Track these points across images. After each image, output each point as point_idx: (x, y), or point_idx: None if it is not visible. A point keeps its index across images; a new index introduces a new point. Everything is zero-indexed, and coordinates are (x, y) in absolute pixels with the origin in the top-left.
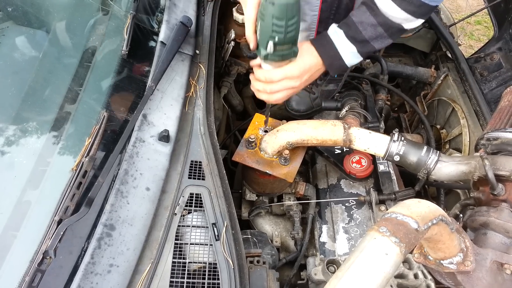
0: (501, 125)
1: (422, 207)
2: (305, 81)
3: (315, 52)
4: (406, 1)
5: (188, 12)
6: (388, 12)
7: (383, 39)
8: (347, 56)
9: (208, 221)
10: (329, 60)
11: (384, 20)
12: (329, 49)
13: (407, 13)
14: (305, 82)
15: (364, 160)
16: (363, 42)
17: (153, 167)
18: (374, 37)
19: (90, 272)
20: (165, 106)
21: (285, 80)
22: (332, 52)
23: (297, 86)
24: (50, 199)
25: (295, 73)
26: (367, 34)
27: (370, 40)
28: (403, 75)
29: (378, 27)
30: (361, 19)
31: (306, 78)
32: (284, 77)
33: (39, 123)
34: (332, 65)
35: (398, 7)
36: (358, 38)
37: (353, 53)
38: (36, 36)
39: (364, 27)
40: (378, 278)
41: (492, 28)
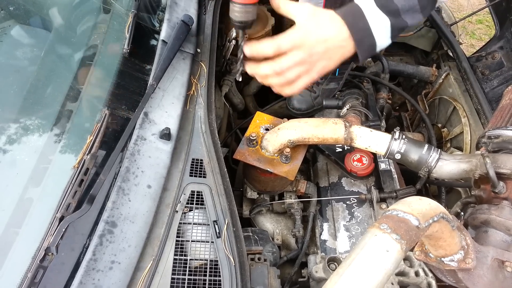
0: (502, 123)
1: (423, 204)
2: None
3: (340, 21)
4: None
5: (189, 10)
6: None
7: (414, 12)
8: (379, 32)
9: (209, 219)
10: (359, 34)
11: None
12: (359, 18)
13: None
14: (323, 58)
15: (365, 158)
16: (396, 14)
17: (154, 165)
18: (407, 7)
19: (92, 268)
20: (166, 104)
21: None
22: (362, 24)
23: (312, 61)
24: (52, 196)
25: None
26: (399, 2)
27: (402, 11)
28: (404, 74)
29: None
30: None
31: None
32: (293, 45)
33: (41, 121)
34: (362, 42)
35: None
36: (391, 7)
37: (386, 27)
38: (38, 35)
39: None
40: (379, 274)
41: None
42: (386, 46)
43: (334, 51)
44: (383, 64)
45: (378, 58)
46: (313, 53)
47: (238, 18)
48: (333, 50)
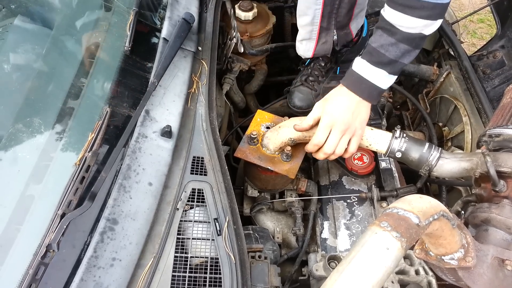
0: (503, 122)
1: (423, 202)
2: (349, 119)
3: (348, 92)
4: (418, 8)
5: (191, 9)
6: (404, 25)
7: (409, 52)
8: (380, 81)
9: (210, 216)
10: (366, 92)
11: (403, 35)
12: (360, 82)
13: (423, 19)
14: (350, 120)
15: (366, 157)
16: (390, 63)
17: (155, 163)
18: (400, 54)
19: (93, 265)
20: (167, 102)
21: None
22: (364, 85)
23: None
24: (53, 193)
25: (331, 122)
26: (391, 54)
27: (397, 58)
28: (405, 72)
29: (399, 44)
30: (380, 43)
31: (346, 116)
32: (324, 130)
33: (42, 118)
34: (372, 95)
35: (412, 17)
36: (384, 61)
37: (385, 76)
38: (39, 33)
39: (385, 49)
40: (379, 272)
41: (495, 26)
42: (394, 82)
43: (357, 110)
44: None
45: None
46: (343, 122)
47: None
48: (356, 110)
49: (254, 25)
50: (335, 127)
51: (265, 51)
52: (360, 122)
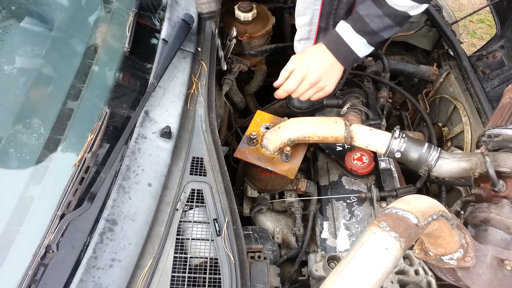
0: (502, 122)
1: (422, 202)
2: (321, 75)
3: (326, 50)
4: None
5: (190, 9)
6: (392, 1)
7: (391, 28)
8: (358, 49)
9: (210, 217)
10: (342, 55)
11: (390, 10)
12: (340, 44)
13: (412, 0)
14: (321, 75)
15: (365, 157)
16: (372, 34)
17: (155, 163)
18: (382, 27)
19: (92, 266)
20: (167, 103)
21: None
22: (343, 48)
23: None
24: (53, 194)
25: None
26: (374, 25)
27: (379, 30)
28: (405, 73)
29: (384, 18)
30: (368, 12)
31: (325, 74)
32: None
33: (42, 119)
34: (347, 59)
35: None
36: (366, 30)
37: (363, 44)
38: (39, 34)
39: (371, 19)
40: (378, 272)
41: (494, 26)
42: (369, 52)
43: (330, 69)
44: (383, 63)
45: (379, 57)
46: (314, 76)
47: (206, 10)
48: (329, 69)
49: (253, 26)
50: (307, 78)
51: (265, 52)
52: (330, 81)
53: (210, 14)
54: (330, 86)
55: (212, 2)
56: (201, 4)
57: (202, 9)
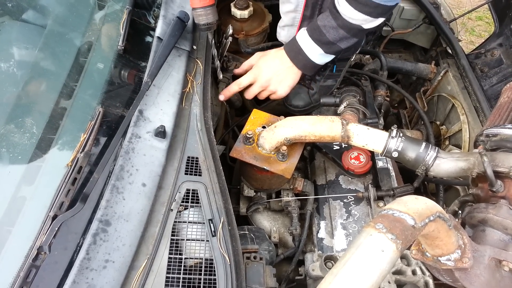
0: (500, 121)
1: (419, 203)
2: (272, 79)
3: (285, 56)
4: (361, 3)
5: (185, 7)
6: (346, 15)
7: (347, 39)
8: (316, 58)
9: (205, 217)
10: (300, 62)
11: (343, 22)
12: (298, 52)
13: (364, 14)
14: (272, 80)
15: (362, 156)
16: (328, 44)
17: (149, 163)
18: (338, 38)
19: (85, 267)
20: (161, 101)
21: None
22: (301, 56)
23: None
24: (45, 195)
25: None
26: (330, 36)
27: (335, 41)
28: (403, 71)
29: (339, 29)
30: (324, 23)
31: (278, 79)
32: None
33: (34, 118)
34: (306, 67)
35: (355, 9)
36: (323, 40)
37: (321, 54)
38: (32, 31)
39: (327, 30)
40: (374, 275)
41: (493, 24)
42: (329, 60)
43: (283, 74)
44: (381, 61)
45: (376, 55)
46: (265, 78)
47: (203, 21)
48: (282, 74)
49: (250, 24)
50: (258, 81)
51: (261, 50)
52: (283, 86)
53: (207, 25)
54: (283, 90)
55: (210, 14)
56: (198, 16)
57: (200, 20)
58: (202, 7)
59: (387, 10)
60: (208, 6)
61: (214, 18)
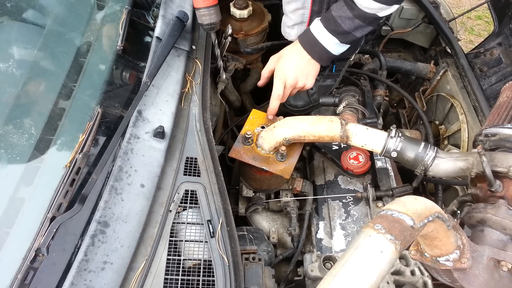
0: (499, 121)
1: (418, 204)
2: (298, 76)
3: (301, 50)
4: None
5: (185, 7)
6: (362, 5)
7: (362, 28)
8: (332, 48)
9: (203, 218)
10: (317, 54)
11: (359, 12)
12: (314, 44)
13: (380, 3)
14: (298, 76)
15: (361, 156)
16: (344, 34)
17: (148, 164)
18: (353, 28)
19: (84, 269)
20: (160, 102)
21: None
22: (317, 47)
23: (297, 82)
24: (44, 196)
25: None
26: (346, 26)
27: (350, 31)
28: (402, 70)
29: (355, 19)
30: (339, 13)
31: (303, 74)
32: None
33: (33, 119)
34: (322, 58)
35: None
36: (339, 30)
37: (337, 44)
38: (31, 32)
39: (342, 20)
40: (373, 275)
41: (492, 23)
42: (345, 50)
43: (306, 68)
44: (380, 61)
45: (375, 55)
46: (292, 78)
47: (206, 21)
48: (305, 68)
49: (249, 23)
50: (287, 82)
51: (261, 50)
52: (310, 78)
53: (211, 25)
54: (310, 82)
55: (213, 14)
56: (201, 16)
57: (203, 20)
58: (206, 7)
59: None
60: (211, 6)
61: (217, 18)
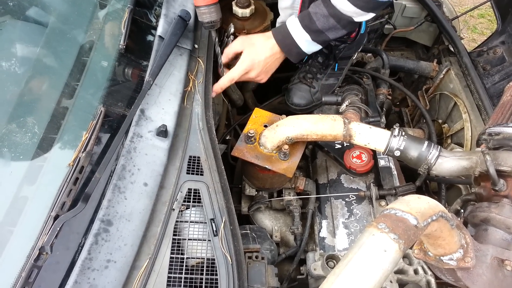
0: (503, 120)
1: (421, 203)
2: (262, 71)
3: (273, 43)
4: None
5: (187, 6)
6: (338, 5)
7: (336, 30)
8: (303, 44)
9: (206, 217)
10: (287, 48)
11: (335, 12)
12: (286, 37)
13: (356, 7)
14: (262, 72)
15: (364, 155)
16: (317, 32)
17: (151, 162)
18: (327, 27)
19: (87, 267)
20: (163, 101)
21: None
22: (288, 41)
23: (258, 75)
24: (47, 195)
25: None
26: (319, 24)
27: (324, 30)
28: (404, 69)
29: (330, 18)
30: (315, 10)
31: (261, 68)
32: (241, 72)
33: (36, 118)
34: (291, 52)
35: (347, 1)
36: (312, 27)
37: (308, 41)
38: (33, 30)
39: (317, 17)
40: (377, 275)
41: (495, 22)
42: (317, 50)
43: (271, 63)
44: (383, 59)
45: (378, 54)
46: (256, 67)
47: (207, 19)
48: (270, 63)
49: (251, 22)
50: (250, 73)
51: None
52: (267, 72)
53: (211, 23)
54: (266, 76)
55: (213, 12)
56: (202, 14)
57: (203, 18)
58: (206, 5)
59: (378, 6)
60: (211, 4)
61: (218, 16)
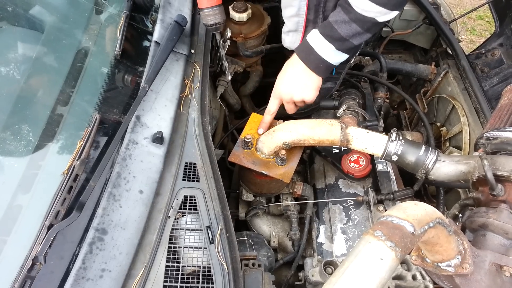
0: (501, 124)
1: (418, 210)
2: (303, 93)
3: (300, 62)
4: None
5: (183, 11)
6: (359, 7)
7: (360, 34)
8: (328, 56)
9: (203, 224)
10: (313, 63)
11: (356, 16)
12: (309, 52)
13: (379, 5)
14: (303, 93)
15: (362, 159)
16: (340, 40)
17: (146, 170)
18: (351, 34)
19: (82, 277)
20: (159, 107)
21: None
22: (312, 56)
23: (291, 98)
24: (42, 203)
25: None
26: (342, 31)
27: (347, 37)
28: (403, 72)
29: (352, 24)
30: (336, 18)
31: (298, 87)
32: (274, 101)
33: (31, 125)
34: (318, 68)
35: (369, 0)
36: (335, 36)
37: (333, 51)
38: (29, 37)
39: (338, 25)
40: (373, 284)
41: (494, 24)
42: (343, 60)
43: (302, 80)
44: (381, 62)
45: (376, 57)
46: (286, 94)
47: (211, 21)
48: (301, 80)
49: (248, 26)
50: (283, 99)
51: (260, 53)
52: (305, 91)
53: (216, 25)
54: (308, 95)
55: (217, 14)
56: (206, 16)
57: (208, 20)
58: (210, 7)
59: (402, 2)
60: (215, 6)
61: (222, 18)
